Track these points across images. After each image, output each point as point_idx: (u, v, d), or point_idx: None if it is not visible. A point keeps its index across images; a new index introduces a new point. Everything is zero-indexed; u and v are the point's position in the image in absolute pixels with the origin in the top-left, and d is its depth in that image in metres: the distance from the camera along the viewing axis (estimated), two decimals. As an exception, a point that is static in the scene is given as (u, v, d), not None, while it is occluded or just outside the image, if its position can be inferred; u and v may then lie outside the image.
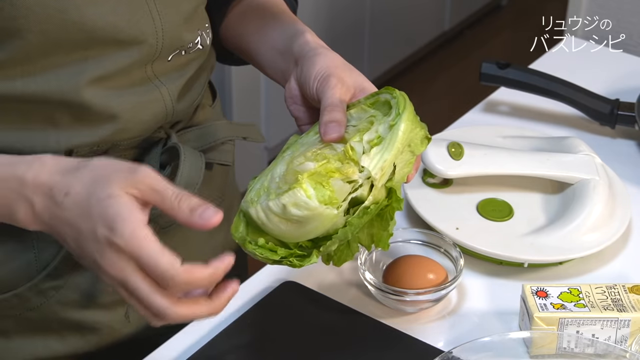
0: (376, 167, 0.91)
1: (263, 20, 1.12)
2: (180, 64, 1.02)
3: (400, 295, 1.07)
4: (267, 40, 1.10)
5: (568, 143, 1.27)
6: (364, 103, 0.97)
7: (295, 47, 1.05)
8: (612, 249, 1.19)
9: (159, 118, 1.01)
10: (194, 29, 1.02)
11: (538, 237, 1.16)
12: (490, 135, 1.32)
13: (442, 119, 1.62)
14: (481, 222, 1.19)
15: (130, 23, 0.94)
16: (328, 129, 0.94)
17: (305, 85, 1.01)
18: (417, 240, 1.15)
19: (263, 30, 1.11)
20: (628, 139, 1.39)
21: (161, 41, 0.97)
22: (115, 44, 0.94)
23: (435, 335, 1.07)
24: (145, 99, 0.99)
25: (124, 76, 0.96)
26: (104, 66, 0.94)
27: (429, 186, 1.23)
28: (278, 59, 1.08)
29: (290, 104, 1.04)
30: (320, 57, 1.01)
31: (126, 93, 0.97)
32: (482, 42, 3.43)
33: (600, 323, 1.03)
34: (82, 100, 0.94)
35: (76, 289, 1.03)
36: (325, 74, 0.98)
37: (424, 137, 0.94)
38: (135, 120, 0.98)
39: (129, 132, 0.99)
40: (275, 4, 1.14)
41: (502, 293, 1.13)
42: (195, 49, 1.02)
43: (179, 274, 0.81)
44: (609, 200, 1.19)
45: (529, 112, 1.44)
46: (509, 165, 1.23)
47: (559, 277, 1.15)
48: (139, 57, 0.96)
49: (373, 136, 0.93)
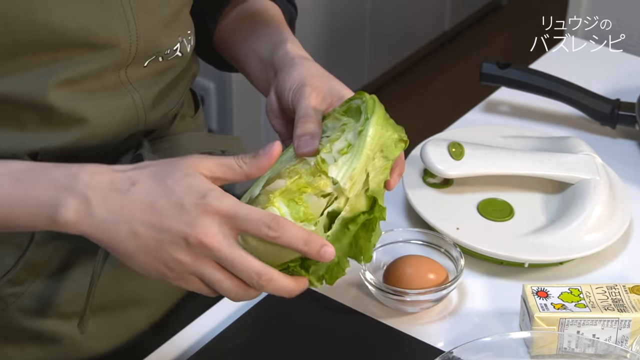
0: (344, 176, 0.86)
1: (253, 29, 1.08)
2: (157, 71, 0.98)
3: (401, 295, 1.07)
4: (254, 49, 1.07)
5: (568, 143, 1.27)
6: (337, 112, 0.92)
7: (275, 57, 1.01)
8: (613, 249, 1.19)
9: (130, 125, 0.98)
10: (174, 34, 0.98)
11: (538, 237, 1.16)
12: (490, 135, 1.32)
13: (442, 118, 1.62)
14: (482, 222, 1.19)
15: (103, 26, 0.91)
16: (301, 143, 0.89)
17: (282, 97, 0.97)
18: (418, 240, 1.15)
19: (251, 39, 1.07)
20: (629, 139, 1.39)
21: (135, 46, 0.94)
22: (86, 47, 0.91)
23: (435, 335, 1.07)
24: (116, 104, 0.96)
25: (95, 80, 0.93)
26: (74, 69, 0.91)
27: (430, 186, 1.23)
28: (261, 69, 1.05)
29: (272, 118, 1.00)
30: (297, 67, 0.97)
31: (96, 97, 0.94)
32: (482, 42, 3.42)
33: (600, 323, 1.02)
34: (50, 102, 0.91)
35: (36, 297, 1.00)
36: (299, 84, 0.95)
37: (399, 140, 0.90)
38: (104, 125, 0.95)
39: (97, 138, 0.95)
40: (267, 10, 1.11)
41: (503, 293, 1.12)
42: (173, 55, 0.98)
43: (285, 223, 0.81)
44: (609, 200, 1.19)
45: (529, 112, 1.44)
46: (510, 165, 1.23)
47: (559, 277, 1.15)
48: (112, 61, 0.93)
49: (343, 145, 0.88)
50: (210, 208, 0.80)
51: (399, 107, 3.07)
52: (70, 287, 1.01)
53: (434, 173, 1.21)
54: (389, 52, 3.12)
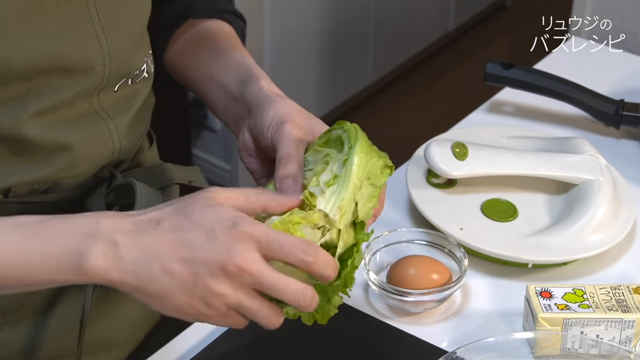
0: (333, 207, 0.84)
1: (214, 57, 1.04)
2: (127, 96, 0.96)
3: (404, 296, 1.07)
4: (217, 79, 1.03)
5: (573, 143, 1.27)
6: (317, 144, 0.90)
7: (248, 94, 0.98)
8: (617, 250, 1.18)
9: (106, 154, 0.95)
10: (141, 54, 0.96)
11: (542, 238, 1.16)
12: (494, 135, 1.32)
13: (446, 119, 1.62)
14: (485, 222, 1.19)
15: (77, 48, 0.88)
16: (283, 186, 0.86)
17: (260, 135, 0.93)
18: (421, 240, 1.15)
19: (212, 67, 1.04)
20: (633, 139, 1.38)
21: (109, 67, 0.91)
22: (61, 72, 0.88)
23: (439, 336, 1.06)
24: (93, 132, 0.93)
25: (69, 108, 0.90)
26: (47, 98, 0.88)
27: (433, 186, 1.23)
28: (231, 102, 1.01)
29: (245, 157, 0.96)
30: (274, 104, 0.94)
31: (72, 126, 0.91)
32: (486, 42, 3.42)
33: (604, 324, 1.02)
34: (24, 135, 0.88)
35: (6, 346, 0.97)
36: (279, 121, 0.91)
37: (384, 167, 0.88)
38: (84, 154, 0.92)
39: (75, 169, 0.93)
40: (227, 37, 1.07)
41: (506, 293, 1.12)
42: (141, 77, 0.96)
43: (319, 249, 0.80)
44: (613, 200, 1.19)
45: (533, 113, 1.44)
46: (514, 165, 1.23)
47: (563, 277, 1.15)
48: (86, 86, 0.90)
49: (329, 177, 0.86)
50: (244, 234, 0.77)
51: (402, 107, 3.07)
52: (42, 333, 0.98)
53: (438, 173, 1.21)
54: (393, 52, 3.12)
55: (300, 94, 2.81)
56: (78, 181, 0.95)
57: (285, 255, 0.79)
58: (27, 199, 0.92)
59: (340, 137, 0.89)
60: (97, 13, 0.89)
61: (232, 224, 0.78)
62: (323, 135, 0.91)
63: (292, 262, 0.79)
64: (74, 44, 0.88)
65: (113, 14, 0.91)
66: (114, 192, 0.97)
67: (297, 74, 2.79)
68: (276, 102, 0.94)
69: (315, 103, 2.88)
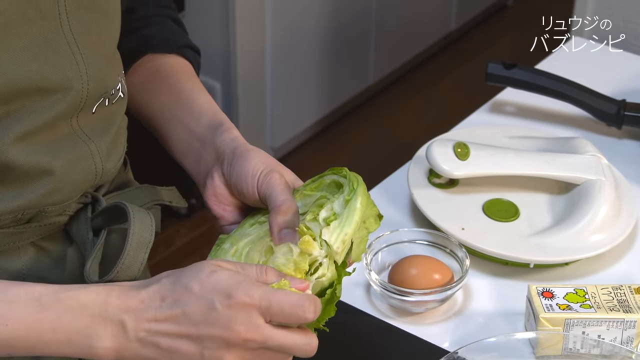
0: (337, 240, 0.87)
1: (177, 97, 1.05)
2: (105, 117, 0.95)
3: (406, 296, 1.07)
4: (182, 120, 1.03)
5: (574, 143, 1.27)
6: (304, 189, 0.94)
7: (221, 142, 0.99)
8: (618, 250, 1.18)
9: (89, 177, 0.94)
10: (115, 73, 0.96)
11: (544, 238, 1.16)
12: (496, 135, 1.32)
13: (448, 119, 1.62)
14: (487, 222, 1.19)
15: (55, 68, 0.87)
16: (283, 236, 0.89)
17: (241, 183, 0.95)
18: (423, 240, 1.15)
19: (176, 108, 1.04)
20: (635, 139, 1.38)
21: (86, 86, 0.90)
22: (40, 92, 0.87)
23: (440, 336, 1.07)
24: (75, 155, 0.92)
25: (50, 130, 0.89)
26: (28, 120, 0.87)
27: (435, 186, 1.23)
28: (194, 144, 1.02)
29: (214, 203, 0.98)
30: (254, 152, 0.96)
31: (54, 149, 0.90)
32: (488, 42, 3.42)
33: (606, 324, 1.02)
34: (8, 160, 0.87)
35: None
36: (267, 170, 0.94)
37: (377, 216, 0.91)
38: (66, 179, 0.91)
39: (60, 194, 0.92)
40: (188, 77, 1.07)
41: (508, 293, 1.12)
42: (117, 96, 0.96)
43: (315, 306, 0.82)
44: (615, 201, 1.19)
45: (535, 113, 1.44)
46: (515, 165, 1.23)
47: (564, 277, 1.15)
48: (65, 107, 0.89)
49: (329, 214, 0.89)
50: (243, 303, 0.80)
51: (404, 107, 3.07)
52: None
53: (440, 173, 1.21)
54: (395, 52, 3.12)
55: (301, 94, 2.81)
56: (62, 207, 0.94)
57: (285, 317, 0.81)
58: (12, 230, 0.91)
59: (336, 181, 0.92)
60: (71, 31, 0.89)
61: (228, 296, 0.80)
62: (311, 181, 0.94)
63: (294, 322, 0.82)
64: (51, 63, 0.87)
65: (86, 32, 0.90)
66: (100, 215, 0.97)
67: (298, 75, 2.79)
68: (255, 152, 0.96)
69: (316, 103, 2.88)
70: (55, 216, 0.95)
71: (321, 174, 0.94)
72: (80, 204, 0.97)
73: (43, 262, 0.96)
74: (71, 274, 0.97)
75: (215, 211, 0.98)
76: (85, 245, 0.96)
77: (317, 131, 2.94)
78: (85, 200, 0.97)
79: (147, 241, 0.93)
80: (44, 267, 0.96)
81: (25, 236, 0.93)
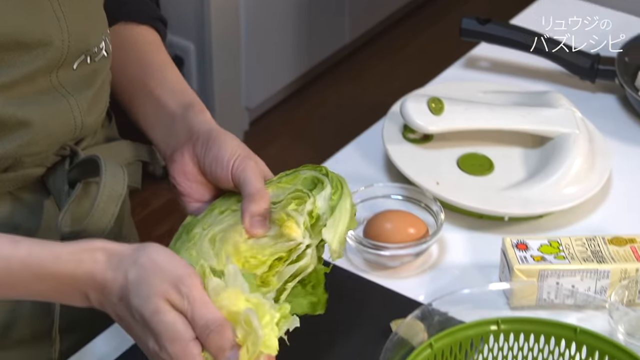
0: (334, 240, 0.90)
1: (146, 69, 1.05)
2: (86, 74, 0.96)
3: (381, 250, 1.07)
4: (152, 92, 1.04)
5: (548, 97, 1.27)
6: (278, 182, 0.95)
7: (195, 122, 1.00)
8: (592, 202, 1.19)
9: (68, 131, 0.95)
10: (99, 32, 0.96)
11: (518, 191, 1.16)
12: (470, 90, 1.32)
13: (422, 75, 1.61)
14: (461, 176, 1.19)
15: (35, 24, 0.88)
16: (254, 223, 0.91)
17: (215, 166, 0.96)
18: (398, 195, 1.15)
19: (147, 80, 1.04)
20: (608, 93, 1.39)
21: (67, 43, 0.90)
22: (19, 47, 0.88)
23: (416, 289, 1.07)
24: (53, 109, 0.93)
25: (28, 84, 0.90)
26: (6, 72, 0.88)
27: (410, 142, 1.23)
28: (164, 118, 1.02)
29: (181, 180, 0.98)
30: (229, 137, 0.97)
31: (32, 102, 0.91)
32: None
33: (580, 274, 1.03)
34: None
35: None
36: (242, 156, 0.95)
37: (354, 215, 0.93)
38: (43, 132, 0.92)
39: (37, 146, 0.93)
40: (157, 49, 1.07)
41: (483, 247, 1.13)
42: (100, 55, 0.96)
43: None
44: (589, 153, 1.20)
45: (509, 67, 1.44)
46: (490, 120, 1.23)
47: (539, 230, 1.16)
48: (45, 62, 0.90)
49: (310, 207, 0.91)
50: None
51: (381, 65, 3.06)
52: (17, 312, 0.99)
53: (414, 128, 1.21)
54: (371, 10, 3.11)
55: (277, 54, 2.79)
56: (39, 158, 0.95)
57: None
58: None
59: (315, 177, 0.94)
60: None
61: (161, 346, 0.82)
62: (284, 175, 0.95)
63: None
64: (31, 18, 0.87)
65: None
66: (77, 168, 0.97)
67: (274, 34, 2.77)
68: (232, 138, 0.97)
69: (292, 63, 2.87)
70: (33, 167, 0.95)
71: (296, 168, 0.96)
72: (59, 156, 0.97)
73: (19, 211, 0.97)
74: (47, 224, 0.98)
75: (179, 187, 0.99)
76: (61, 197, 0.97)
77: (293, 91, 2.93)
78: (63, 152, 0.97)
79: (118, 194, 0.93)
80: (19, 217, 0.97)
81: (2, 185, 0.94)
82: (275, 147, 2.67)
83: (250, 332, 0.82)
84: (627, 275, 1.03)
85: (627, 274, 1.03)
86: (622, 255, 1.04)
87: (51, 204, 0.98)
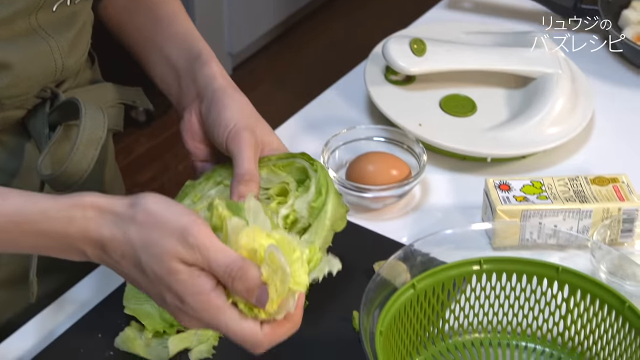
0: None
1: (155, 22, 1.03)
2: (66, 16, 0.94)
3: (364, 192, 1.07)
4: (159, 48, 1.02)
5: (531, 38, 1.27)
6: (274, 164, 0.92)
7: (200, 77, 0.97)
8: (575, 142, 1.19)
9: (48, 73, 0.94)
10: None
11: (501, 132, 1.16)
12: (453, 31, 1.31)
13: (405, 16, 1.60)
14: (444, 118, 1.19)
15: None
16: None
17: (213, 130, 0.94)
18: (380, 137, 1.14)
19: (155, 35, 1.02)
20: (591, 33, 1.38)
21: None
22: None
23: (398, 231, 1.07)
24: (33, 51, 0.91)
25: (6, 26, 0.89)
26: None
27: (392, 83, 1.22)
28: (172, 74, 1.01)
29: (189, 139, 0.97)
30: (231, 101, 0.94)
31: (11, 44, 0.90)
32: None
33: (562, 214, 1.03)
34: None
35: None
36: (236, 126, 0.92)
37: (344, 214, 0.91)
38: (23, 74, 0.91)
39: (17, 88, 0.92)
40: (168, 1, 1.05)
41: (466, 188, 1.13)
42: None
43: (263, 341, 0.79)
44: (571, 94, 1.19)
45: (492, 8, 1.43)
46: (472, 60, 1.22)
47: (522, 170, 1.15)
48: (24, 4, 0.88)
49: (288, 211, 0.89)
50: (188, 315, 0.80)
51: (363, 9, 3.04)
52: None
53: (396, 70, 1.20)
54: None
55: None
56: (19, 100, 0.94)
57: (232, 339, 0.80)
58: None
59: (305, 169, 0.91)
60: None
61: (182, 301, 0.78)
62: (283, 157, 0.92)
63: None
64: None
65: None
66: (57, 111, 0.96)
67: (255, -22, 2.75)
68: (232, 99, 0.94)
69: (274, 8, 2.85)
70: (13, 109, 0.95)
71: (293, 154, 0.93)
72: (39, 98, 0.97)
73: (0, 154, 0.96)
74: (27, 166, 0.97)
75: (188, 146, 0.97)
76: (41, 140, 0.96)
77: (275, 36, 2.91)
78: (44, 95, 0.97)
79: (98, 137, 0.92)
80: (0, 159, 0.96)
81: None
82: (259, 92, 2.66)
83: (277, 269, 0.78)
84: (609, 215, 1.03)
85: (609, 213, 1.03)
86: (604, 195, 1.04)
87: (32, 147, 0.98)
